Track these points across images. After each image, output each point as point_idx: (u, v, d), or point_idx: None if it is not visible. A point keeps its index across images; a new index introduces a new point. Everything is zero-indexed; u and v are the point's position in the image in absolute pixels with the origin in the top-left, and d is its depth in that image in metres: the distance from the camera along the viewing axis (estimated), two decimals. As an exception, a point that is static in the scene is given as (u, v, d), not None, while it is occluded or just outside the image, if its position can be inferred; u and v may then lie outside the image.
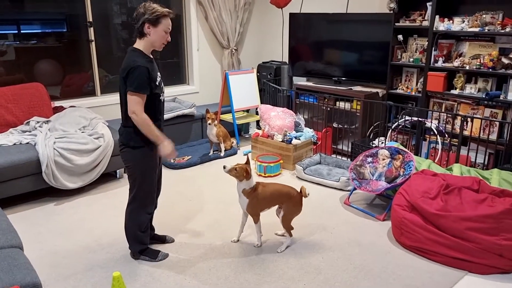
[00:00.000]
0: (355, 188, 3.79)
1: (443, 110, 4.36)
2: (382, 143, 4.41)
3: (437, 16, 4.12)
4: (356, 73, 5.07)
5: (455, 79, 4.17)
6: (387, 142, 4.37)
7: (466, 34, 4.12)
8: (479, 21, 3.91)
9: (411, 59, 4.48)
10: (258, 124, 5.89)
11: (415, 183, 3.20)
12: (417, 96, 4.49)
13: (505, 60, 3.78)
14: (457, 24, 4.06)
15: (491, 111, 3.99)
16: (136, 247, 2.92)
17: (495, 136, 3.93)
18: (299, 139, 4.67)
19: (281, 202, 3.05)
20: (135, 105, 2.55)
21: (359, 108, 4.77)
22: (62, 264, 2.91)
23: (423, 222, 2.97)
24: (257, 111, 5.21)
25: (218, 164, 4.82)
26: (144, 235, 2.90)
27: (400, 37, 4.49)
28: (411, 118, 4.41)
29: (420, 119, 4.33)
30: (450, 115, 4.26)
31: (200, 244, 3.16)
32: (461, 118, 3.89)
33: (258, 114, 5.08)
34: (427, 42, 4.27)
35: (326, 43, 5.25)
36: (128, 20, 5.31)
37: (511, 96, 3.79)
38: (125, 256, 3.00)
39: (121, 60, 5.32)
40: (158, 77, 2.71)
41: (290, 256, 3.00)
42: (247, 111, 5.88)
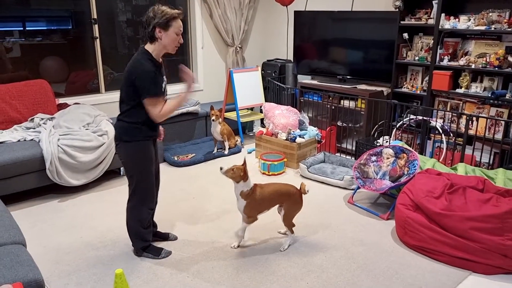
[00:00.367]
0: (359, 187, 3.77)
1: (448, 109, 4.33)
2: (387, 142, 4.39)
3: (443, 14, 4.09)
4: (361, 72, 5.04)
5: (461, 78, 4.14)
6: (391, 141, 4.35)
7: (472, 33, 4.08)
8: (485, 20, 3.87)
9: (417, 58, 4.45)
10: (262, 122, 5.88)
11: (420, 182, 3.18)
12: (422, 95, 4.46)
13: (511, 59, 3.75)
14: (463, 22, 4.02)
15: (497, 110, 3.96)
16: (139, 244, 2.93)
17: (500, 136, 3.90)
18: (303, 138, 4.66)
19: (281, 202, 3.03)
20: (155, 108, 2.60)
21: (364, 106, 4.75)
22: (65, 260, 2.92)
23: (427, 222, 2.95)
24: (262, 109, 5.20)
25: (222, 162, 4.81)
26: (146, 231, 2.90)
27: (406, 35, 4.47)
28: (416, 117, 4.38)
29: (425, 118, 4.31)
30: (455, 114, 4.23)
31: (203, 242, 3.16)
32: (466, 117, 3.87)
33: (263, 112, 5.07)
34: (432, 41, 4.24)
35: (331, 41, 5.23)
36: (132, 18, 5.31)
37: (517, 95, 3.76)
38: (128, 253, 3.01)
39: (125, 57, 5.34)
40: (164, 82, 2.72)
41: (293, 255, 2.99)
42: (252, 109, 5.87)
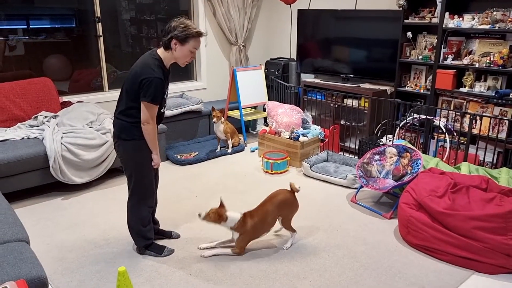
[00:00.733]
0: (362, 186, 3.76)
1: (452, 108, 4.32)
2: (390, 141, 4.38)
3: (447, 13, 4.08)
4: (365, 70, 5.03)
5: (465, 77, 4.12)
6: (395, 140, 4.34)
7: (476, 32, 4.07)
8: (489, 18, 3.86)
9: (420, 57, 4.44)
10: (266, 120, 5.88)
11: (423, 182, 3.18)
12: (425, 94, 4.45)
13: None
14: (467, 21, 4.01)
15: (501, 109, 3.94)
16: (141, 242, 2.93)
17: (504, 135, 3.88)
18: (306, 136, 4.65)
19: (276, 216, 2.99)
20: (149, 115, 2.60)
21: (367, 105, 4.74)
22: (68, 258, 2.93)
23: (430, 221, 2.94)
24: (265, 107, 5.20)
25: (225, 160, 4.82)
26: (147, 229, 2.91)
27: (409, 34, 4.46)
28: (420, 116, 4.37)
29: (428, 117, 4.30)
30: (459, 113, 4.22)
31: (206, 240, 3.16)
32: (470, 116, 3.85)
33: (266, 111, 5.07)
34: (436, 40, 4.22)
35: (335, 40, 5.22)
36: (136, 16, 5.32)
37: (522, 94, 3.75)
38: (131, 251, 3.01)
39: (129, 55, 5.35)
40: (167, 90, 2.75)
41: (295, 254, 2.99)
42: (255, 107, 5.87)
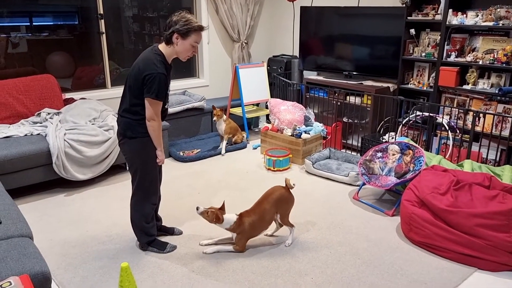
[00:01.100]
0: (364, 183, 3.76)
1: (455, 105, 4.31)
2: (392, 138, 4.37)
3: (450, 10, 4.06)
4: (367, 68, 5.02)
5: (468, 74, 4.11)
6: (397, 137, 4.34)
7: (479, 29, 4.05)
8: (493, 15, 3.84)
9: (423, 54, 4.43)
10: (268, 118, 5.88)
11: (425, 179, 3.17)
12: (428, 91, 4.44)
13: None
14: (470, 18, 3.99)
15: (504, 106, 3.93)
16: (144, 239, 2.94)
17: (507, 132, 3.87)
18: (309, 134, 4.65)
19: (274, 213, 2.99)
20: (154, 112, 2.61)
21: (370, 102, 4.74)
22: (71, 254, 2.95)
23: (433, 218, 2.94)
24: (267, 105, 5.20)
25: (228, 157, 4.82)
26: (150, 226, 2.92)
27: (412, 31, 4.44)
28: (422, 113, 4.36)
29: (431, 114, 4.29)
30: (462, 111, 4.20)
31: (208, 237, 3.17)
32: (473, 113, 3.84)
33: (268, 108, 5.07)
34: (439, 37, 4.21)
35: (337, 37, 5.21)
36: (139, 13, 5.32)
37: (525, 91, 3.73)
38: (134, 247, 3.02)
39: (131, 52, 5.35)
40: (169, 86, 2.75)
41: (297, 250, 3.00)
42: (257, 104, 5.87)
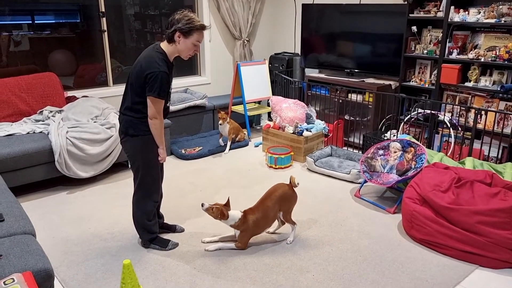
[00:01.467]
0: (366, 180, 3.77)
1: (456, 103, 4.30)
2: (394, 135, 4.37)
3: (452, 7, 4.05)
4: (369, 65, 5.02)
5: (470, 72, 4.10)
6: (399, 135, 4.33)
7: (481, 26, 4.04)
8: (495, 12, 3.83)
9: (425, 51, 4.42)
10: (270, 115, 5.88)
11: (427, 176, 3.17)
12: (430, 88, 4.43)
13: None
14: (472, 15, 3.98)
15: (506, 104, 3.92)
16: (146, 236, 2.95)
17: (509, 130, 3.87)
18: (310, 131, 4.65)
19: (277, 211, 3.00)
20: (156, 110, 2.61)
21: (372, 100, 4.73)
22: (73, 251, 2.96)
23: (434, 215, 2.94)
24: (269, 102, 5.20)
25: (229, 155, 4.83)
26: (152, 223, 2.93)
27: (414, 28, 4.43)
28: (424, 110, 4.36)
29: (433, 112, 4.28)
30: (463, 108, 4.20)
31: (210, 234, 3.18)
32: (475, 111, 3.84)
33: (270, 106, 5.07)
34: (441, 34, 4.20)
35: (339, 34, 5.20)
36: (140, 11, 5.32)
37: (527, 89, 3.72)
38: (136, 244, 3.04)
39: (133, 50, 5.36)
40: (171, 84, 2.75)
41: (299, 248, 3.01)
42: (259, 102, 5.87)
